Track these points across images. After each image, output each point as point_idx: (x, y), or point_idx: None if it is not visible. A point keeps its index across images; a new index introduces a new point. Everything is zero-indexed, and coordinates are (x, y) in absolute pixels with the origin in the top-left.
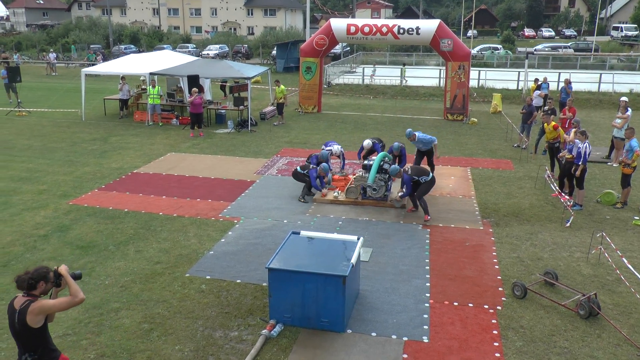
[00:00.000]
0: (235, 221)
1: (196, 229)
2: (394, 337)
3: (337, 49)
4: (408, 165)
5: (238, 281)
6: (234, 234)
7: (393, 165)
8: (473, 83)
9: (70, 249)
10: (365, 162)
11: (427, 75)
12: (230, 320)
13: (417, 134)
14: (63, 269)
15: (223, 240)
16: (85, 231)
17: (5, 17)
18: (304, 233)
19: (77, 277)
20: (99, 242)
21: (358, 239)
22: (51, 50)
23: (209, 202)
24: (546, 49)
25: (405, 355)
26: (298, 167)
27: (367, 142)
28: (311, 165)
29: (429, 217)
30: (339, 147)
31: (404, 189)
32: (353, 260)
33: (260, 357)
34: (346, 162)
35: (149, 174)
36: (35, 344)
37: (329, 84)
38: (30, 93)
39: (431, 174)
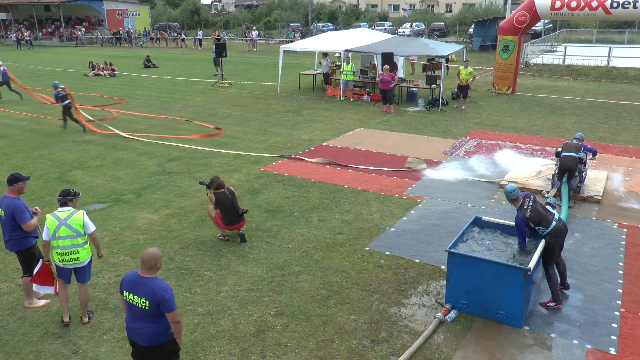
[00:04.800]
0: (419, 200)
1: (379, 204)
2: (574, 342)
3: (539, 26)
4: (531, 197)
5: (417, 260)
6: (416, 212)
7: (510, 184)
8: None
9: (259, 211)
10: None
11: (638, 55)
12: (405, 298)
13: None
14: None
15: (405, 218)
16: (274, 196)
17: None
18: (487, 219)
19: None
20: (286, 207)
21: (542, 233)
22: (254, 28)
23: (393, 179)
24: None
25: None
26: None
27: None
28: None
29: (552, 305)
30: None
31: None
32: (537, 253)
33: (432, 339)
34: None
35: (337, 147)
36: None
37: (526, 64)
38: (233, 67)
39: (557, 216)
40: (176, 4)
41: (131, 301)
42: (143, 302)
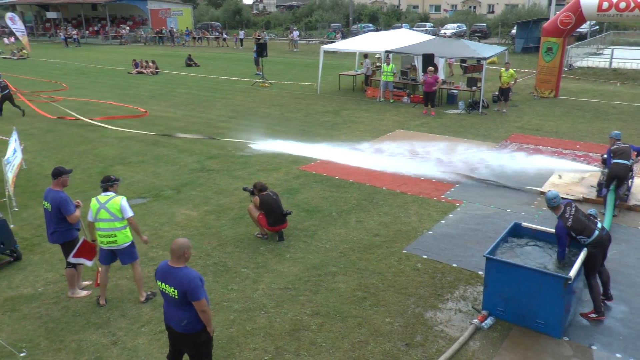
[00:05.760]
0: (457, 204)
1: (417, 207)
2: (617, 355)
3: (584, 27)
4: (573, 206)
5: (454, 265)
6: (454, 216)
7: (551, 191)
8: None
9: (297, 211)
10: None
11: None
12: (442, 302)
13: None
14: None
15: (443, 221)
16: (312, 196)
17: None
18: (527, 225)
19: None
20: (323, 207)
21: (584, 243)
22: (295, 28)
23: (432, 181)
24: None
25: None
26: None
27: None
28: None
29: (594, 316)
30: None
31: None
32: (578, 262)
33: (468, 346)
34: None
35: (375, 148)
36: None
37: (570, 67)
38: (274, 67)
39: (599, 226)
40: (218, 4)
41: (164, 290)
42: (173, 291)
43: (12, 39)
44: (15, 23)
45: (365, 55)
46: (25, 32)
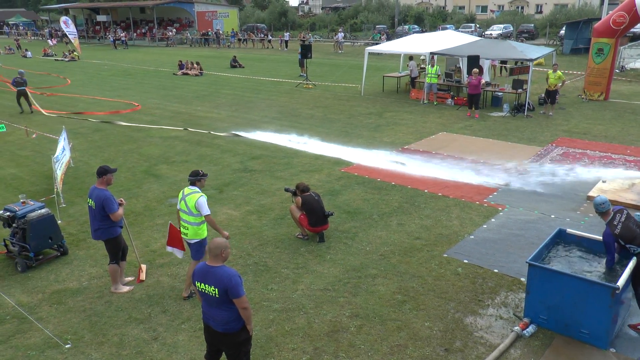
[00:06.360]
0: (500, 208)
1: (459, 211)
2: None
3: (638, 27)
4: (624, 212)
5: (495, 270)
6: (497, 221)
7: (600, 196)
8: None
9: (338, 212)
10: None
11: None
12: (482, 308)
13: None
14: None
15: (485, 226)
16: (353, 198)
17: (304, 1)
18: (572, 232)
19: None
20: (365, 209)
21: (633, 252)
22: (340, 29)
23: (474, 185)
24: None
25: None
26: None
27: None
28: None
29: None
30: None
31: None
32: (627, 271)
33: (508, 353)
34: None
35: (419, 151)
36: None
37: (622, 69)
38: (318, 68)
39: None
40: (264, 6)
41: (203, 290)
42: (213, 290)
43: (55, 41)
44: (68, 26)
45: (411, 57)
46: (77, 35)
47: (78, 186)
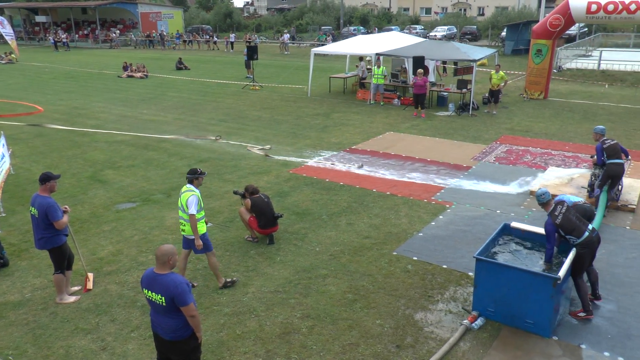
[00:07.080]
0: (447, 206)
1: (407, 209)
2: (606, 354)
3: (573, 29)
4: (564, 204)
5: (444, 266)
6: (444, 218)
7: (541, 188)
8: None
9: (287, 214)
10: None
11: None
12: (432, 304)
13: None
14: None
15: (433, 223)
16: (302, 199)
17: (250, 2)
18: (516, 225)
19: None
20: (314, 210)
21: (573, 243)
22: (285, 31)
23: (422, 183)
24: None
25: None
26: None
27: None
28: None
29: (582, 315)
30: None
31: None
32: (567, 262)
33: (458, 347)
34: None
35: (366, 151)
36: None
37: (560, 69)
38: (264, 70)
39: (590, 227)
40: (209, 7)
41: (150, 298)
42: (160, 299)
43: None
44: (4, 27)
45: (361, 58)
46: (14, 36)
47: (19, 194)
